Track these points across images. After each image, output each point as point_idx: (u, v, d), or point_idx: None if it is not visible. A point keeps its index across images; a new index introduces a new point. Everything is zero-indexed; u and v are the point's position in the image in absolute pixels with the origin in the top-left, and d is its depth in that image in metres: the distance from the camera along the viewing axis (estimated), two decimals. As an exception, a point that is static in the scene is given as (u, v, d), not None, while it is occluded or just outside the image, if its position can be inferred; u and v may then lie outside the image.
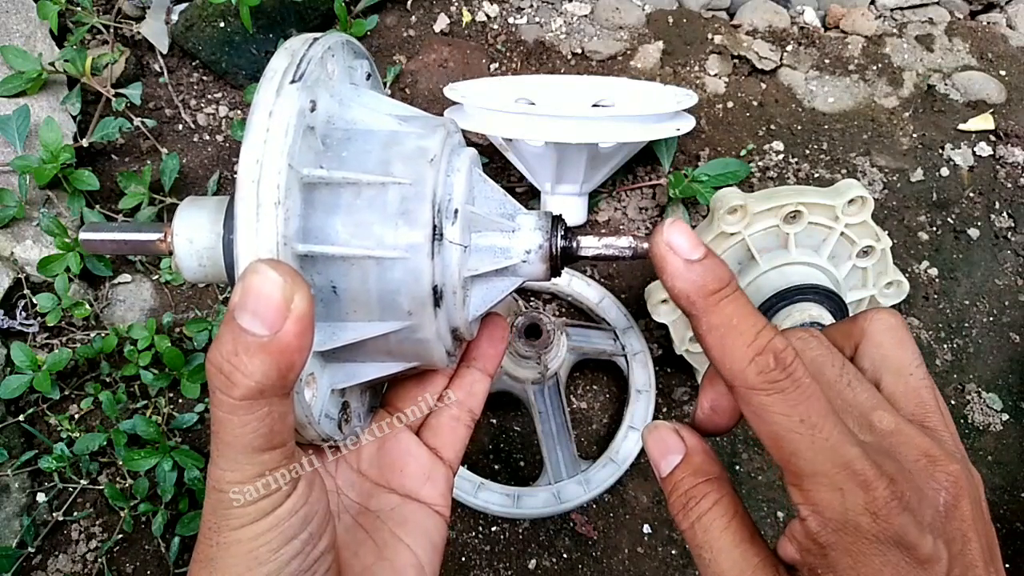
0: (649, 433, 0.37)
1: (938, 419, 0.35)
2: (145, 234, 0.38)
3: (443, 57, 0.99)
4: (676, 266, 0.32)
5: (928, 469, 0.32)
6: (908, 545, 0.30)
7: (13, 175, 0.82)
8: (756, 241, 0.75)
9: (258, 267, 0.28)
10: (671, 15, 1.05)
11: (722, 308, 0.32)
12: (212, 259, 0.36)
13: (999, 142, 1.00)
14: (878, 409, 0.34)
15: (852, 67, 1.04)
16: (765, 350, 0.31)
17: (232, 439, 0.30)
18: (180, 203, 0.37)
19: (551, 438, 0.81)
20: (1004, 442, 0.88)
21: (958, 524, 0.32)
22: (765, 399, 0.31)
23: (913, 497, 0.31)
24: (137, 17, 0.96)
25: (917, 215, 0.96)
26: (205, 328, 0.82)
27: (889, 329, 0.36)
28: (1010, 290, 0.94)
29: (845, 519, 0.30)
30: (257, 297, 0.28)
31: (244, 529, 0.31)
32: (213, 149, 0.94)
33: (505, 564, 0.80)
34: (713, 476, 0.35)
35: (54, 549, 0.78)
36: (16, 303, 0.81)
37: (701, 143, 0.97)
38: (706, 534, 0.33)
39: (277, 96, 0.31)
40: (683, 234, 0.32)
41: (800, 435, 0.30)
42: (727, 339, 0.31)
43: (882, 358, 0.36)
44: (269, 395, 0.29)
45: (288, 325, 0.28)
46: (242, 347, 0.28)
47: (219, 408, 0.29)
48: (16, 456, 0.78)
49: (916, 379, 0.35)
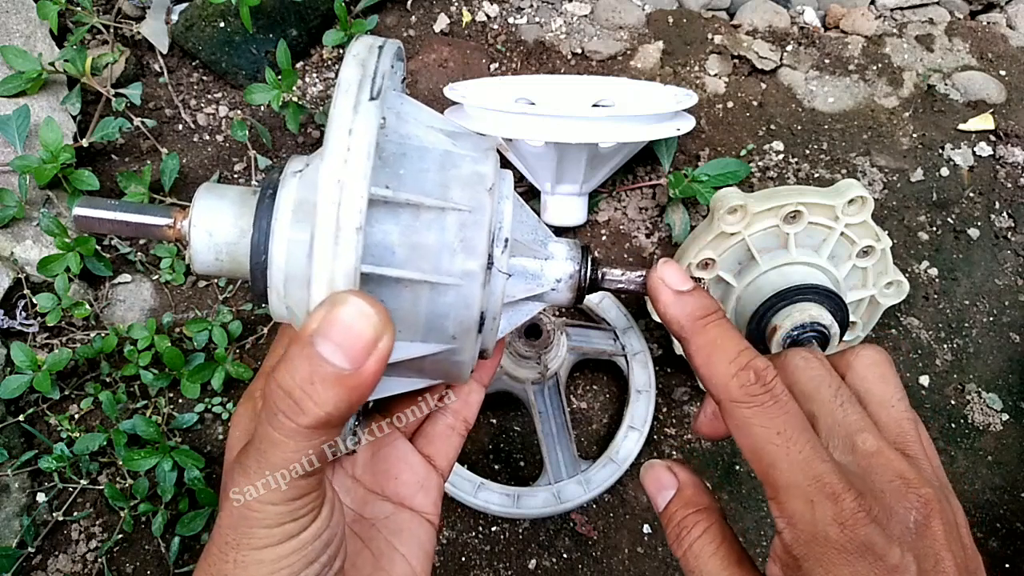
0: (645, 472, 0.40)
1: (918, 448, 0.37)
2: (151, 217, 0.35)
3: (443, 57, 0.99)
4: (668, 296, 0.36)
5: (900, 490, 0.34)
6: (876, 555, 0.31)
7: (13, 175, 0.82)
8: (756, 241, 0.75)
9: (350, 299, 0.28)
10: (671, 15, 1.05)
11: (708, 331, 0.35)
12: (232, 255, 0.34)
13: (999, 142, 1.00)
14: (864, 431, 0.35)
15: (852, 67, 1.04)
16: (747, 367, 0.34)
17: (280, 462, 0.30)
18: (199, 190, 0.35)
19: (551, 438, 0.81)
20: (1004, 442, 0.88)
21: (929, 543, 0.33)
22: (746, 411, 0.33)
23: (881, 512, 0.32)
24: (137, 17, 0.96)
25: (917, 215, 0.96)
26: (205, 328, 0.82)
27: (873, 364, 0.38)
28: (1010, 290, 0.94)
29: (815, 530, 0.32)
30: (346, 331, 0.28)
31: (267, 550, 0.31)
32: (213, 149, 0.94)
33: (505, 564, 0.80)
34: (703, 507, 0.38)
35: (54, 549, 0.78)
36: (16, 303, 0.81)
37: (701, 143, 0.97)
38: (697, 560, 0.36)
39: (355, 113, 0.30)
40: (674, 271, 0.37)
41: (776, 447, 0.33)
42: (712, 357, 0.35)
43: (866, 391, 0.38)
44: (333, 425, 0.29)
45: (370, 363, 0.28)
46: (319, 376, 0.28)
47: (278, 430, 0.29)
48: (16, 456, 0.78)
49: (898, 411, 0.37)
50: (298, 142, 0.95)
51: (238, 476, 0.31)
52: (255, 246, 0.33)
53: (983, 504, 0.86)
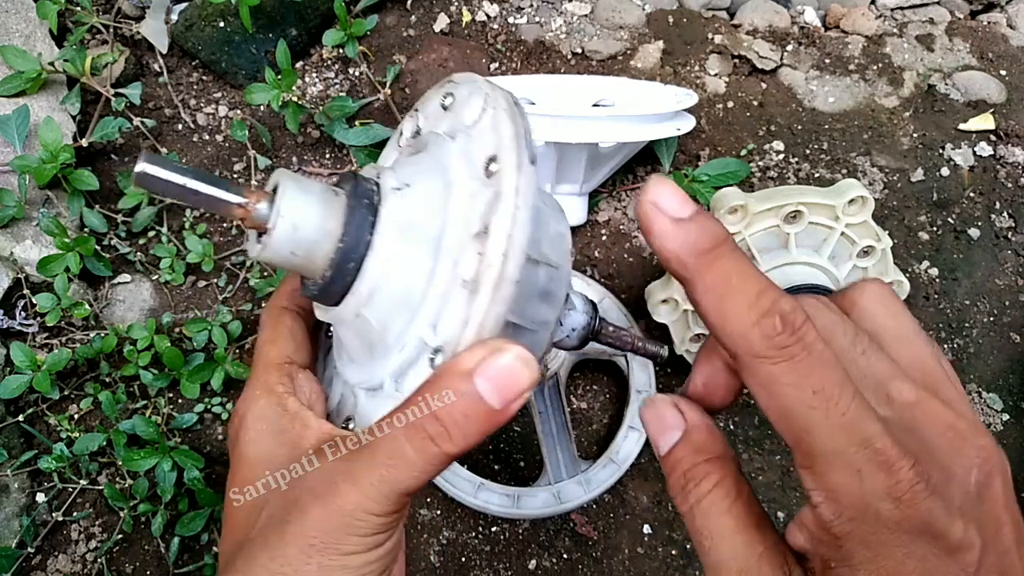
0: (646, 409, 0.34)
1: (950, 390, 0.31)
2: (223, 192, 0.34)
3: (443, 57, 0.99)
4: (664, 226, 0.28)
5: (955, 444, 0.29)
6: (936, 533, 0.27)
7: (13, 175, 0.82)
8: (756, 241, 0.75)
9: (515, 350, 0.30)
10: (671, 15, 1.05)
11: (718, 267, 0.28)
12: (308, 254, 0.34)
13: (999, 142, 1.00)
14: (896, 379, 0.30)
15: (852, 67, 1.04)
16: (770, 311, 0.27)
17: (407, 480, 0.30)
18: (281, 176, 0.34)
19: (551, 438, 0.80)
20: (1004, 442, 0.88)
21: (991, 506, 0.28)
22: (772, 368, 0.27)
23: (940, 478, 0.27)
24: (137, 17, 0.96)
25: (918, 215, 0.96)
26: (205, 328, 0.82)
27: (881, 300, 0.33)
28: (1011, 290, 0.94)
29: (864, 505, 0.27)
30: (507, 377, 0.30)
31: (353, 556, 0.31)
32: (213, 149, 0.94)
33: (505, 564, 0.80)
34: (715, 455, 0.32)
35: (54, 549, 0.78)
36: (16, 303, 0.81)
37: (701, 143, 0.97)
38: (706, 519, 0.31)
39: (519, 173, 0.32)
40: (670, 192, 0.28)
41: (814, 409, 0.27)
42: (726, 301, 0.28)
43: (879, 330, 0.32)
44: (465, 453, 0.30)
45: (514, 405, 0.30)
46: (473, 412, 0.30)
47: (418, 451, 0.30)
48: (16, 456, 0.78)
49: (918, 347, 0.32)
50: (298, 142, 0.95)
51: (341, 483, 0.31)
52: (345, 252, 0.34)
53: (983, 504, 0.86)
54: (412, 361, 0.34)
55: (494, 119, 0.34)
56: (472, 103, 0.36)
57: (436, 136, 0.38)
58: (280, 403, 0.37)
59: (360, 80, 0.98)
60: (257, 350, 0.40)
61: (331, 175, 0.93)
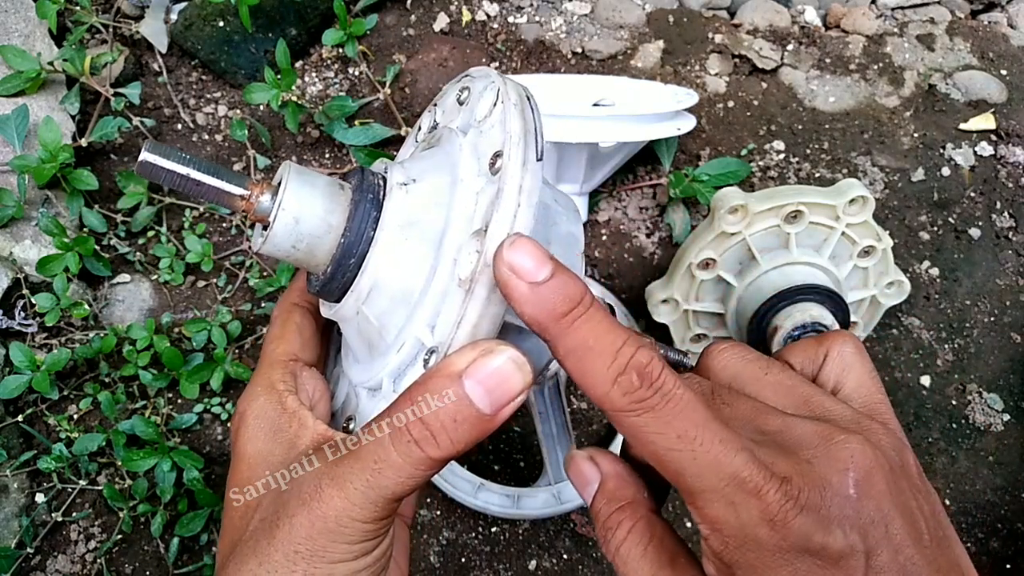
0: (568, 465, 0.35)
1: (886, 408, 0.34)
2: (225, 183, 0.33)
3: (443, 56, 0.99)
4: (521, 291, 0.29)
5: (829, 452, 0.30)
6: (814, 548, 0.28)
7: (12, 175, 0.82)
8: (757, 241, 0.75)
9: (507, 352, 0.29)
10: (671, 14, 1.05)
11: (576, 330, 0.29)
12: (311, 248, 0.34)
13: (1000, 142, 1.00)
14: (764, 412, 0.32)
15: (853, 66, 1.04)
16: (627, 368, 0.29)
17: (393, 485, 0.30)
18: (287, 170, 0.34)
19: (551, 438, 0.80)
20: (1005, 442, 0.88)
21: (875, 504, 0.29)
22: (636, 420, 0.29)
23: (812, 492, 0.28)
24: (136, 16, 0.96)
25: (918, 215, 0.96)
26: (204, 328, 0.82)
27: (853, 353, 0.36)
28: (1011, 290, 0.94)
29: (744, 534, 0.28)
30: (498, 380, 0.29)
31: (341, 564, 0.30)
32: (212, 148, 0.94)
33: (505, 565, 0.80)
34: (626, 501, 0.33)
35: (53, 550, 0.78)
36: (15, 303, 0.81)
37: (702, 143, 0.97)
38: (625, 564, 0.32)
39: (524, 171, 0.31)
40: (526, 253, 0.29)
41: (680, 452, 0.28)
42: (585, 363, 0.29)
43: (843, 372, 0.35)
44: (453, 459, 0.30)
45: (506, 411, 0.29)
46: (462, 416, 0.29)
47: (403, 455, 0.29)
48: (15, 456, 0.78)
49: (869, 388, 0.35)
50: (297, 142, 0.95)
51: (326, 487, 0.30)
52: (347, 248, 0.33)
53: (984, 505, 0.86)
54: (410, 361, 0.33)
55: (504, 114, 0.33)
56: (485, 98, 0.35)
57: (449, 131, 0.37)
58: (279, 401, 0.37)
59: (360, 80, 0.98)
60: (264, 346, 0.40)
61: (330, 175, 0.93)
